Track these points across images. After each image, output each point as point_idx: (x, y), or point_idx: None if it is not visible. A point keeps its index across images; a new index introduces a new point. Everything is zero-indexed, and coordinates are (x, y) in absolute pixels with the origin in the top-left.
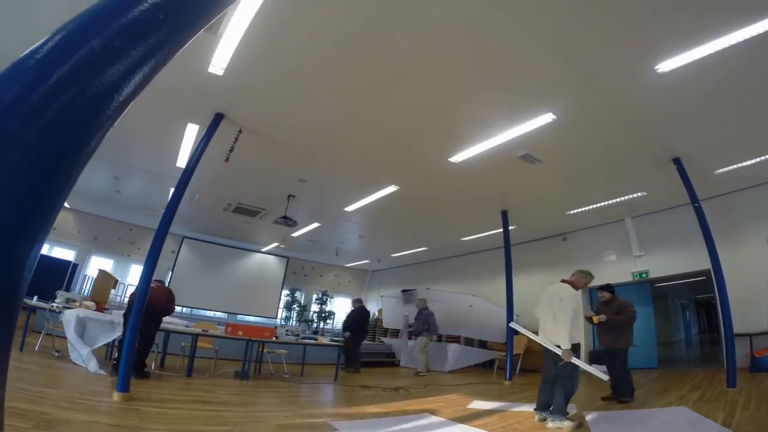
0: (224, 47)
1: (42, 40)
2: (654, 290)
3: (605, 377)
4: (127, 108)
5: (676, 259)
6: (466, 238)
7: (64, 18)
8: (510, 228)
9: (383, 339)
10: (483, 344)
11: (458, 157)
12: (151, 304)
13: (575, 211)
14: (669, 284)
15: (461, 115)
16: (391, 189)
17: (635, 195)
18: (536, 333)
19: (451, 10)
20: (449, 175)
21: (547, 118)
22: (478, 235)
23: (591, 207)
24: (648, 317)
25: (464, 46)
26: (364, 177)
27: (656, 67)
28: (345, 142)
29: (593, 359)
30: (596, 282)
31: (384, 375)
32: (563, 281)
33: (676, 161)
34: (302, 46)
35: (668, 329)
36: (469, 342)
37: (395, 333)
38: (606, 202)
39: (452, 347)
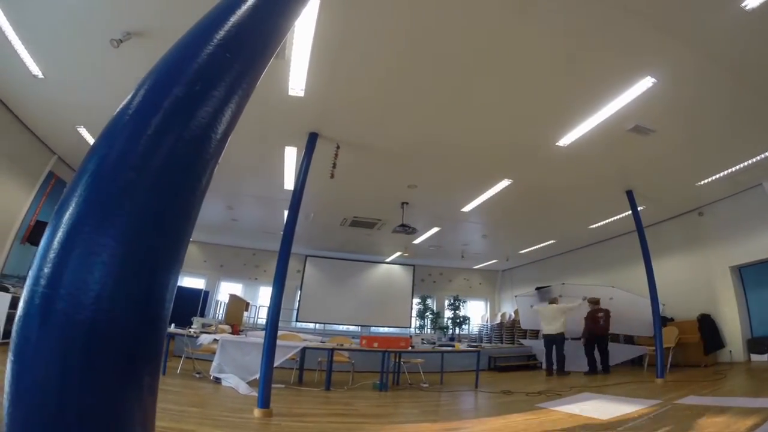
0: (296, 69)
1: (129, 96)
2: None
3: None
4: (227, 143)
5: None
6: (593, 226)
7: (135, 73)
8: (639, 209)
9: (522, 341)
10: (629, 339)
11: (565, 140)
12: None
13: (705, 181)
14: None
15: (556, 96)
16: (505, 183)
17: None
18: None
19: None
20: (561, 161)
21: (647, 82)
22: (607, 221)
23: (721, 174)
24: None
25: (538, 23)
26: (473, 175)
27: (743, 5)
28: (445, 142)
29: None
30: None
31: (526, 378)
32: None
33: None
34: (374, 51)
35: None
36: (614, 338)
37: (534, 334)
38: (737, 167)
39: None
